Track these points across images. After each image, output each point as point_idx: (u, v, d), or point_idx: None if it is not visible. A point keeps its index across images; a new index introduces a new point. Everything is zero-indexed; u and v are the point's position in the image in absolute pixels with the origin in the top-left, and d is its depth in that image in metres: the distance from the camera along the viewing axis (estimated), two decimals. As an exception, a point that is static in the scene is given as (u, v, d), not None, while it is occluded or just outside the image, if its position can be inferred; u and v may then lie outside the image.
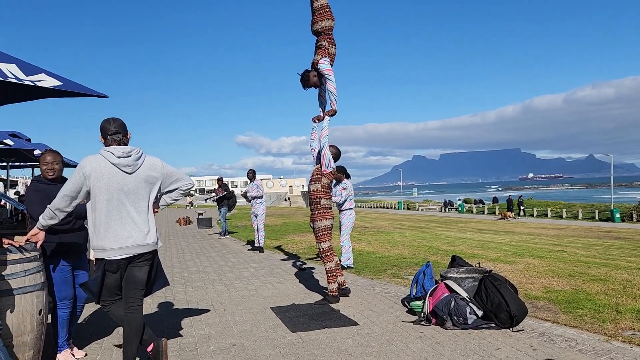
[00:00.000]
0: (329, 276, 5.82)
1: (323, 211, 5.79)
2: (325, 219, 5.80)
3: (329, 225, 5.82)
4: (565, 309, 5.29)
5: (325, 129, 5.74)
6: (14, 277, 3.42)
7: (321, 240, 5.82)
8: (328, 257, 5.80)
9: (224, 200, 14.89)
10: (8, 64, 3.51)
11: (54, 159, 4.02)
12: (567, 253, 10.89)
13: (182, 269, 8.82)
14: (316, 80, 5.84)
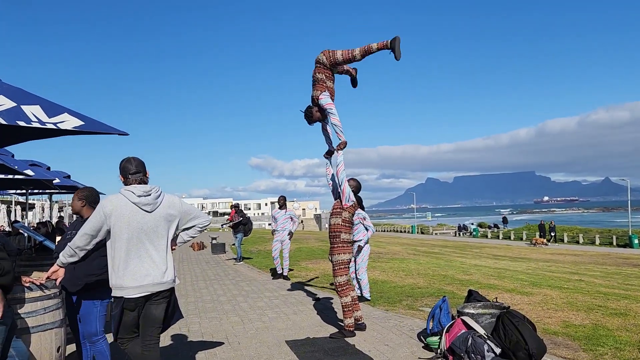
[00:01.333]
0: (345, 311, 5.77)
1: (342, 245, 5.79)
2: (344, 253, 5.80)
3: (347, 260, 5.81)
4: (586, 346, 5.20)
5: (340, 164, 5.77)
6: (34, 315, 3.47)
7: (338, 274, 5.79)
8: (344, 291, 5.77)
9: (240, 226, 14.95)
10: (32, 106, 3.62)
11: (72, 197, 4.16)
12: (585, 283, 10.71)
13: (197, 298, 8.82)
14: (319, 115, 5.92)
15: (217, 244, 19.64)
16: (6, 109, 3.37)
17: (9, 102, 3.45)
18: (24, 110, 3.46)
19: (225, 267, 14.31)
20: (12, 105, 3.43)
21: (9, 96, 3.52)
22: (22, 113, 3.42)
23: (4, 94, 3.52)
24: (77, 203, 4.14)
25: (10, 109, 3.39)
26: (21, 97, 3.61)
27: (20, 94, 3.66)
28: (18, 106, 3.45)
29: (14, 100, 3.49)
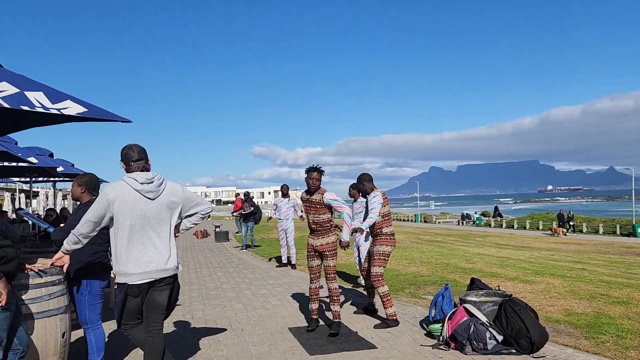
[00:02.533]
0: (384, 301, 5.73)
1: (385, 237, 5.90)
2: (386, 245, 5.87)
3: (388, 252, 5.87)
4: (587, 334, 5.21)
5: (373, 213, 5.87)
6: (39, 301, 3.49)
7: (376, 265, 5.82)
8: (380, 281, 5.79)
9: (251, 215, 15.09)
10: (35, 92, 3.61)
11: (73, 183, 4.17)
12: (587, 272, 10.71)
13: (200, 286, 8.87)
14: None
15: (220, 232, 19.71)
16: (9, 94, 3.37)
17: (12, 88, 3.44)
18: (27, 96, 3.45)
19: (228, 254, 14.37)
20: (15, 91, 3.42)
21: (12, 82, 3.51)
22: (25, 99, 3.41)
23: (6, 81, 3.51)
24: (77, 189, 4.14)
25: (14, 95, 3.38)
26: (24, 83, 3.61)
27: (23, 81, 3.66)
28: (21, 92, 3.45)
29: (17, 86, 3.49)
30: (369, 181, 6.16)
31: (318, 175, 5.41)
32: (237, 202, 21.92)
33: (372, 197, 5.95)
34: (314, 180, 5.38)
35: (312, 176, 5.39)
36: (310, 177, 5.40)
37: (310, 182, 5.39)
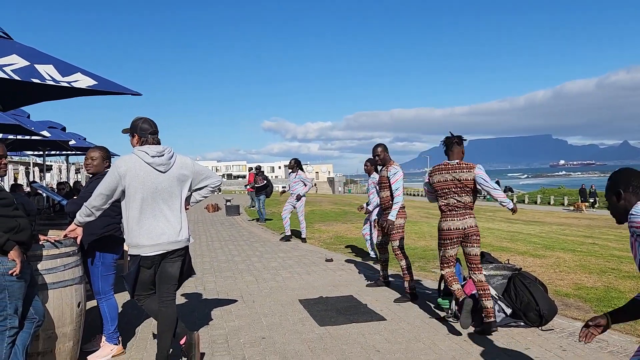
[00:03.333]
0: (405, 274, 5.75)
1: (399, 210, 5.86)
2: (400, 218, 5.85)
3: (402, 224, 5.89)
4: (597, 307, 5.22)
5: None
6: (54, 272, 3.55)
7: (394, 238, 5.85)
8: (400, 255, 5.82)
9: (264, 189, 15.21)
10: (45, 65, 3.61)
11: (89, 155, 4.18)
12: (599, 246, 10.67)
13: (212, 258, 8.98)
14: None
15: (231, 205, 19.84)
16: (20, 67, 3.38)
17: (22, 61, 3.44)
18: (38, 69, 3.45)
19: (239, 228, 14.50)
20: (25, 64, 3.43)
21: (22, 55, 3.52)
22: (35, 71, 3.42)
23: (17, 53, 3.52)
24: (101, 163, 4.14)
25: (24, 68, 3.39)
26: (34, 56, 3.61)
27: (34, 54, 3.66)
28: (32, 65, 3.45)
29: (27, 59, 3.49)
30: (387, 150, 6.14)
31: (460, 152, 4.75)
32: (251, 176, 22.02)
33: (394, 174, 5.86)
34: (459, 153, 4.72)
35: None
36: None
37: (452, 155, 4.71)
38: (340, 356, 3.95)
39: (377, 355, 3.95)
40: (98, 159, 4.16)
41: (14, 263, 3.00)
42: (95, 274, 4.04)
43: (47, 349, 3.54)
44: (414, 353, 3.99)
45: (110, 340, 4.05)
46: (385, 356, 3.94)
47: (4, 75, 3.28)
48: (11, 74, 3.28)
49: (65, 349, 3.65)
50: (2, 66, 3.31)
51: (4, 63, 3.36)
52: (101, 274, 4.04)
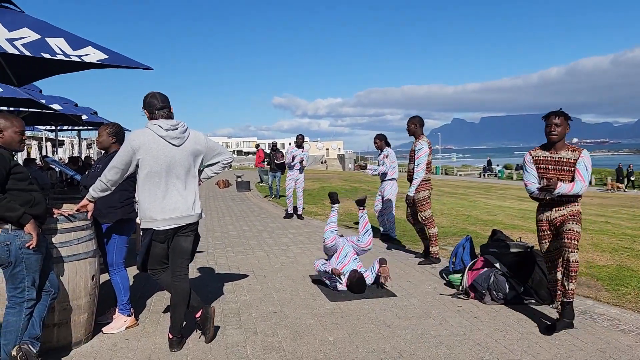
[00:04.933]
0: (432, 240, 6.32)
1: (422, 183, 6.26)
2: (423, 190, 6.29)
3: (427, 196, 6.32)
4: (609, 286, 5.20)
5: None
6: (69, 245, 3.60)
7: (422, 209, 6.31)
8: (431, 223, 6.32)
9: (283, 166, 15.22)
10: (56, 38, 3.59)
11: (98, 131, 4.21)
12: (611, 225, 10.59)
13: (223, 234, 9.05)
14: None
15: (242, 181, 19.90)
16: (30, 41, 3.36)
17: (33, 34, 3.43)
18: (49, 42, 3.44)
19: (250, 204, 14.57)
20: (36, 38, 3.41)
21: (33, 28, 3.50)
22: (46, 45, 3.40)
23: (28, 27, 3.49)
24: (107, 139, 4.17)
25: (35, 42, 3.37)
26: (45, 29, 3.58)
27: (45, 27, 3.63)
28: (42, 38, 3.43)
29: (38, 32, 3.47)
30: (421, 125, 6.45)
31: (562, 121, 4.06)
32: (260, 153, 22.00)
33: (419, 149, 6.27)
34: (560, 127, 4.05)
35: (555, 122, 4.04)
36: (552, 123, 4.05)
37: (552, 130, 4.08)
38: (351, 331, 3.98)
39: (387, 331, 3.98)
40: (103, 136, 4.20)
41: (30, 236, 3.04)
42: (111, 245, 4.10)
43: (62, 320, 3.61)
44: (425, 329, 4.01)
45: (123, 311, 4.12)
46: (396, 331, 3.96)
47: (14, 51, 3.27)
48: (21, 48, 3.26)
49: (80, 320, 3.72)
50: (13, 40, 3.30)
51: (14, 37, 3.34)
52: (118, 245, 4.11)
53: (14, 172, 3.07)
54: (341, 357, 3.50)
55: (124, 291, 4.12)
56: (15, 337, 3.08)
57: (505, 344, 3.69)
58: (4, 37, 3.29)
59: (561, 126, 4.00)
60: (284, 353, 3.58)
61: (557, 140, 4.03)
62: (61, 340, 3.64)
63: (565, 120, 4.02)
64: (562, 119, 4.01)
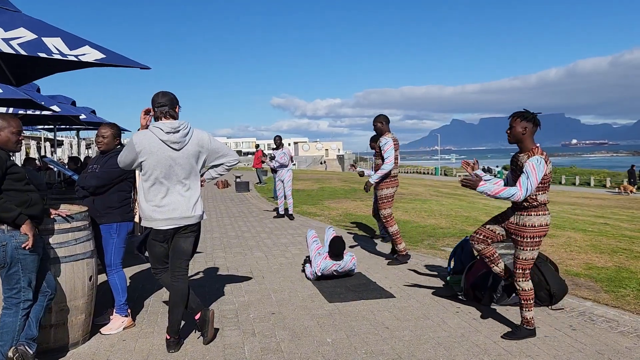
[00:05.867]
0: (395, 238, 6.33)
1: (388, 180, 6.29)
2: (387, 188, 6.29)
3: (391, 194, 6.32)
4: (607, 287, 5.19)
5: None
6: (66, 245, 3.58)
7: (382, 207, 6.32)
8: (389, 222, 6.32)
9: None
10: (53, 38, 3.57)
11: (100, 132, 4.18)
12: (610, 226, 10.58)
13: (222, 234, 9.03)
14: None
15: (241, 182, 19.88)
16: (27, 40, 3.34)
17: (29, 34, 3.41)
18: (45, 42, 3.42)
19: (249, 204, 14.55)
20: (33, 37, 3.39)
21: (29, 28, 3.48)
22: (43, 45, 3.38)
23: (24, 26, 3.48)
24: (112, 141, 4.14)
25: (31, 41, 3.36)
26: (42, 29, 3.57)
27: (41, 26, 3.62)
28: (39, 38, 3.41)
29: (34, 32, 3.45)
30: (387, 123, 6.46)
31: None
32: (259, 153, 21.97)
33: (384, 144, 6.24)
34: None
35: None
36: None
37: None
38: (349, 332, 3.97)
39: (385, 332, 3.97)
40: (109, 137, 4.16)
41: (27, 237, 3.02)
42: (110, 245, 4.09)
43: (59, 321, 3.59)
44: (423, 330, 4.00)
45: (121, 312, 4.10)
46: (394, 333, 3.95)
47: (10, 50, 3.25)
48: (17, 48, 3.24)
49: (77, 321, 3.70)
50: (9, 39, 3.28)
51: (11, 36, 3.33)
52: (116, 246, 4.09)
53: (11, 172, 3.05)
54: (339, 358, 3.49)
55: (122, 292, 4.10)
56: (11, 338, 3.06)
57: (504, 346, 3.68)
58: (0, 37, 3.28)
59: (513, 127, 3.78)
60: (282, 354, 3.57)
61: (511, 141, 3.85)
62: (58, 341, 3.62)
63: (521, 120, 3.76)
64: (515, 119, 3.79)
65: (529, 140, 3.77)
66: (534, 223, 3.76)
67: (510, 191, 3.67)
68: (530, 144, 3.76)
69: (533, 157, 3.68)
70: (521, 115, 3.79)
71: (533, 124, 3.76)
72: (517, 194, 3.64)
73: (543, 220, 3.77)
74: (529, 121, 3.74)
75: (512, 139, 3.81)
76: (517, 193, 3.64)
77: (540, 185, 3.73)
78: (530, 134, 3.76)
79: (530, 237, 3.78)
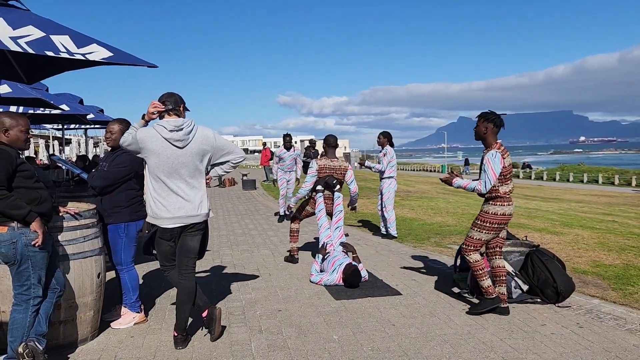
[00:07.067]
0: (291, 236, 6.51)
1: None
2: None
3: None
4: (615, 285, 5.17)
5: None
6: (75, 243, 3.61)
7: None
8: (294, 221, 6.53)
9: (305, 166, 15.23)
10: (61, 36, 3.59)
11: (109, 128, 4.21)
12: (618, 224, 10.53)
13: (228, 232, 9.07)
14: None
15: (247, 180, 19.93)
16: (35, 39, 3.36)
17: (38, 32, 3.43)
18: (53, 40, 3.44)
19: (255, 202, 14.59)
20: (41, 35, 3.41)
21: (38, 26, 3.50)
22: (50, 43, 3.40)
23: (33, 24, 3.50)
24: (120, 136, 4.16)
25: (39, 39, 3.38)
26: (50, 27, 3.59)
27: (50, 25, 3.64)
28: (47, 36, 3.44)
29: (43, 30, 3.48)
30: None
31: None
32: (266, 152, 22.01)
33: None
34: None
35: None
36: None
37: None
38: (356, 329, 3.98)
39: (392, 329, 3.97)
40: (117, 133, 4.16)
41: (36, 234, 3.06)
42: (119, 244, 4.10)
43: (68, 317, 3.63)
44: (430, 327, 4.01)
45: (133, 309, 4.14)
46: (400, 330, 3.96)
47: (18, 49, 3.27)
48: (25, 46, 3.27)
49: (86, 318, 3.74)
50: (17, 38, 3.30)
51: (19, 35, 3.35)
52: (125, 245, 4.11)
53: (21, 170, 3.09)
54: (346, 355, 3.50)
55: (133, 290, 4.13)
56: (21, 334, 3.10)
57: (511, 343, 3.67)
58: (8, 35, 3.30)
59: (478, 126, 4.29)
60: (288, 351, 3.58)
61: (476, 139, 4.34)
62: (67, 337, 3.66)
63: (484, 121, 4.24)
64: (480, 119, 4.27)
65: (490, 137, 4.24)
66: (496, 211, 4.22)
67: (473, 184, 4.25)
68: (492, 141, 4.22)
69: (489, 152, 4.17)
70: (484, 116, 4.28)
71: (494, 125, 4.22)
72: (477, 187, 4.19)
73: (502, 210, 4.21)
74: (490, 122, 4.22)
75: (476, 136, 4.34)
76: (477, 186, 4.19)
77: (502, 178, 4.17)
78: (492, 132, 4.23)
79: (482, 221, 4.28)
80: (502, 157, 4.11)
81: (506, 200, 4.21)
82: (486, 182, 4.12)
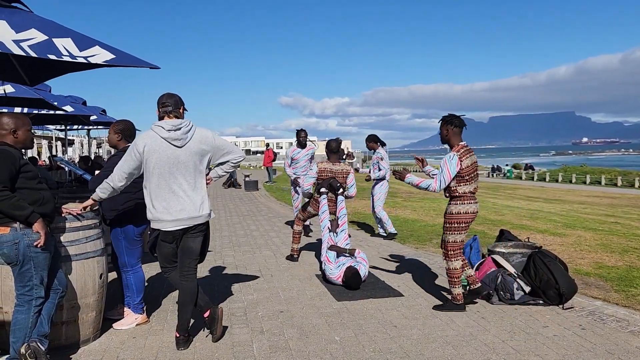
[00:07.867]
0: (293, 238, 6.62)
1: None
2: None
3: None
4: (618, 287, 5.15)
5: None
6: (77, 244, 3.62)
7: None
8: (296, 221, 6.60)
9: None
10: (63, 39, 3.60)
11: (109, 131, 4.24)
12: (621, 225, 10.50)
13: (230, 233, 9.07)
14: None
15: (250, 181, 19.94)
16: (37, 42, 3.37)
17: (40, 35, 3.44)
18: (55, 43, 3.45)
19: (257, 203, 14.59)
20: (43, 39, 3.42)
21: (40, 29, 3.51)
22: (53, 46, 3.41)
23: (35, 27, 3.51)
24: (113, 136, 4.20)
25: (41, 43, 3.39)
26: (53, 30, 3.60)
27: (53, 27, 3.65)
28: (49, 39, 3.44)
29: (45, 33, 3.49)
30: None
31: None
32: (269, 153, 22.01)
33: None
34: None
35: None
36: None
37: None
38: (357, 330, 3.98)
39: (394, 330, 3.97)
40: (110, 133, 4.24)
41: (39, 235, 3.06)
42: (119, 247, 4.12)
43: (70, 318, 3.64)
44: (431, 329, 4.00)
45: (136, 310, 4.15)
46: (402, 331, 3.95)
47: (20, 52, 3.29)
48: (28, 50, 3.28)
49: (88, 318, 3.74)
50: (19, 41, 3.32)
51: (22, 38, 3.37)
52: (125, 247, 4.11)
53: (24, 170, 3.10)
54: (347, 356, 3.50)
55: (137, 292, 4.13)
56: (24, 334, 3.11)
57: (513, 345, 3.67)
58: (11, 39, 3.31)
59: (441, 129, 4.47)
60: (290, 352, 3.59)
61: (442, 142, 4.50)
62: (69, 338, 3.67)
63: (445, 124, 4.41)
64: (442, 123, 4.46)
65: (453, 139, 4.39)
66: (459, 210, 4.35)
67: (427, 182, 4.38)
68: (454, 142, 4.37)
69: (448, 154, 4.35)
70: (444, 120, 4.43)
71: (454, 126, 4.36)
72: (432, 185, 4.33)
73: (464, 209, 4.35)
74: (450, 124, 4.37)
75: (441, 140, 4.49)
76: (432, 185, 4.33)
77: (460, 178, 4.31)
78: (453, 134, 4.37)
79: (450, 223, 4.40)
80: (459, 160, 4.25)
81: (467, 199, 4.36)
82: (440, 182, 4.28)
